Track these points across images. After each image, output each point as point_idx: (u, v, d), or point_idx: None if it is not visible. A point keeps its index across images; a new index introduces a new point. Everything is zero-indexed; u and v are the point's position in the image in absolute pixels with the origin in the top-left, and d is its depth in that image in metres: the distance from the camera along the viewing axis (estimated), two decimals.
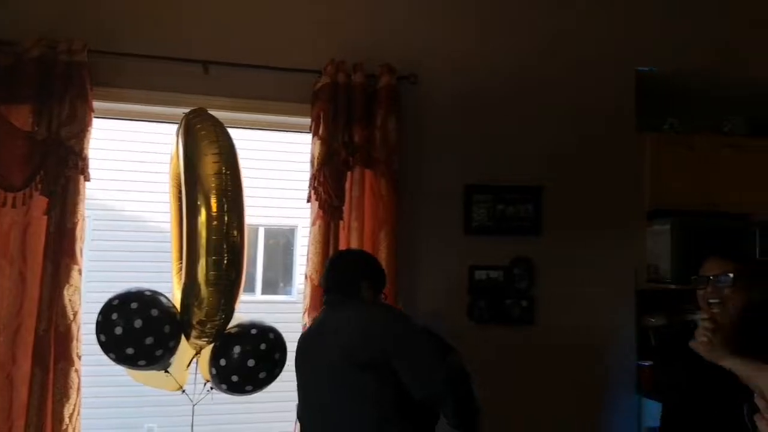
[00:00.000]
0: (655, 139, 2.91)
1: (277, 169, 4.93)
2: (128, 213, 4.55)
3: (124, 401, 2.51)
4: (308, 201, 2.46)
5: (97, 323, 1.92)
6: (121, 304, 1.91)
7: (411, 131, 2.59)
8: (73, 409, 2.15)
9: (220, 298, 1.90)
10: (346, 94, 2.46)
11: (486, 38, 2.74)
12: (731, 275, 1.84)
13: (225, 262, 1.88)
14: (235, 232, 1.89)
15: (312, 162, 2.44)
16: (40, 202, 2.19)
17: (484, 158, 2.68)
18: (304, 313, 2.38)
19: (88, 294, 2.41)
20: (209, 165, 1.91)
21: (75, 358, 2.17)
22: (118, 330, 1.87)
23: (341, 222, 2.43)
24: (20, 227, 2.17)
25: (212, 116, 2.06)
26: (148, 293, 1.98)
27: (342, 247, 2.42)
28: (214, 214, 1.85)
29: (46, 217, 2.18)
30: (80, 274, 2.21)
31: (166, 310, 1.96)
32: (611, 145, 2.80)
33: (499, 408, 2.33)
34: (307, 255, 2.44)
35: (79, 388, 2.18)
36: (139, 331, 1.88)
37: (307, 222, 2.49)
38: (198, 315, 1.93)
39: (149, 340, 1.89)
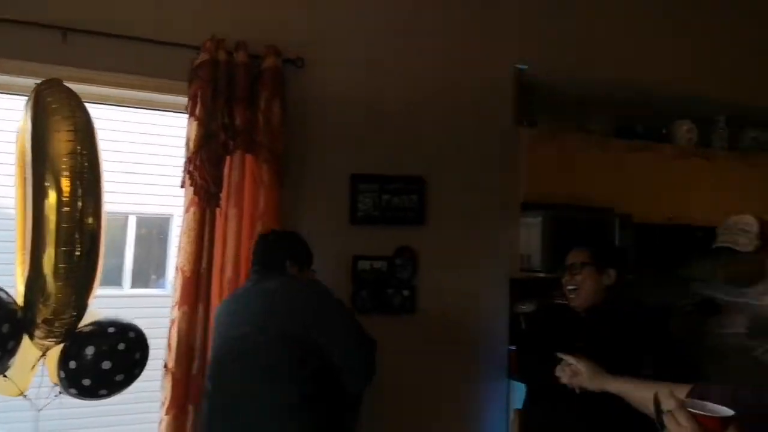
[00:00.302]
0: (530, 135, 3.07)
1: (152, 153, 4.59)
2: None
3: None
4: (182, 186, 2.31)
5: None
6: None
7: (296, 117, 2.52)
8: None
9: (71, 293, 1.72)
10: (227, 74, 2.33)
11: (373, 31, 2.72)
12: (581, 261, 2.01)
13: (78, 252, 1.70)
14: (91, 219, 1.71)
15: (187, 144, 2.29)
16: None
17: (370, 148, 2.68)
18: (174, 306, 2.23)
19: None
20: (62, 143, 1.72)
21: None
22: None
23: (218, 210, 2.31)
24: None
25: (67, 88, 1.86)
26: None
27: (218, 236, 2.30)
28: (66, 198, 1.67)
29: None
30: None
31: (5, 307, 1.74)
32: (490, 139, 2.91)
33: (381, 393, 2.41)
34: (179, 245, 2.29)
35: None
36: None
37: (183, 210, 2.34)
38: (44, 312, 1.74)
39: None
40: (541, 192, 3.01)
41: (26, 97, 1.98)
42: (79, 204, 1.67)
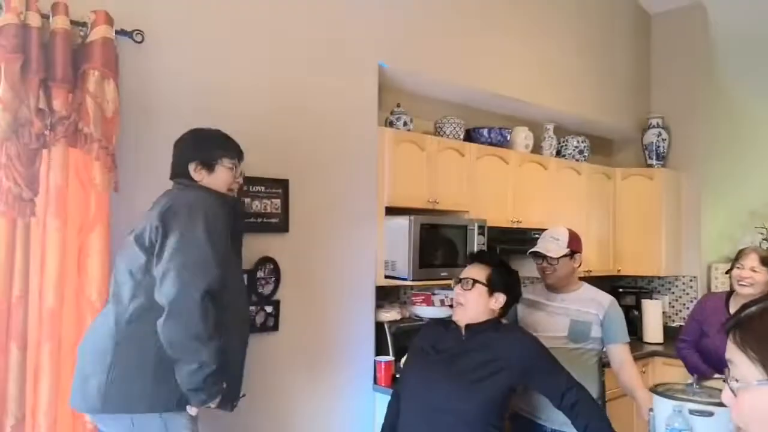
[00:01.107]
0: (392, 136, 3.03)
1: None
2: None
3: None
4: None
5: None
6: None
7: (135, 104, 2.11)
8: None
9: None
10: (40, 43, 1.84)
11: (232, 9, 2.41)
12: (473, 279, 2.02)
13: None
14: None
15: None
16: None
17: None
18: None
19: None
20: None
21: None
22: None
23: (33, 220, 1.82)
24: None
25: None
26: None
27: (34, 252, 1.82)
28: None
29: None
30: None
31: None
32: (356, 138, 2.82)
33: (250, 412, 2.23)
34: None
35: None
36: None
37: None
38: None
39: None
40: (404, 195, 2.99)
41: None
42: None
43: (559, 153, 4.14)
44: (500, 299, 2.00)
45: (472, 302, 2.00)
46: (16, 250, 1.77)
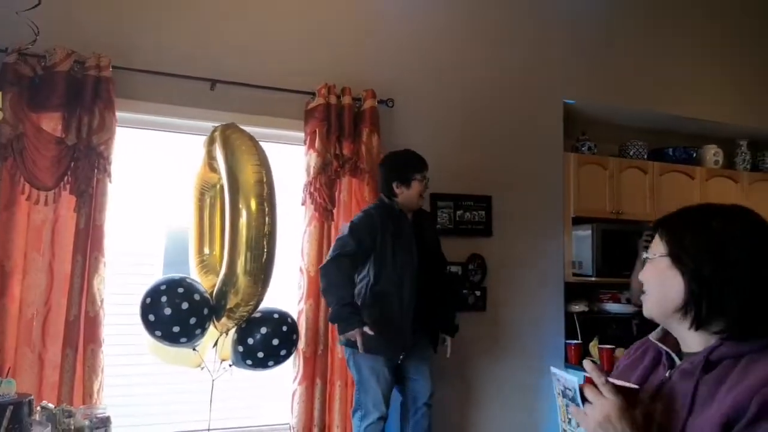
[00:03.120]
0: (577, 159, 3.85)
1: None
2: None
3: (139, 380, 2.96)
4: (303, 204, 3.08)
5: (145, 305, 2.42)
6: (168, 288, 2.43)
7: (388, 146, 3.30)
8: (99, 386, 2.60)
9: (257, 287, 2.47)
10: (336, 114, 3.12)
11: (445, 71, 3.52)
12: None
13: (264, 257, 2.45)
14: (271, 231, 2.47)
15: (308, 171, 3.07)
16: (67, 200, 2.63)
17: (447, 171, 3.44)
18: (300, 300, 3.00)
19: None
20: (250, 174, 2.48)
21: (101, 341, 2.62)
22: (167, 311, 2.39)
23: (332, 223, 3.08)
24: (50, 223, 2.59)
25: (244, 130, 2.63)
26: (189, 280, 2.52)
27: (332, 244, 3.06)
28: (255, 215, 2.42)
29: (74, 214, 2.62)
30: (105, 266, 2.67)
31: (203, 296, 2.50)
32: (544, 162, 3.71)
33: (458, 376, 3.15)
34: (302, 251, 3.04)
35: (103, 368, 2.63)
36: (185, 313, 2.40)
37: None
38: (233, 301, 2.49)
39: (192, 321, 2.43)
40: (589, 208, 3.77)
41: (180, 134, 2.82)
42: (266, 219, 2.43)
43: (756, 168, 4.47)
44: None
45: None
46: (324, 242, 3.03)
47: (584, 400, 1.05)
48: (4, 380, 1.87)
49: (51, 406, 2.09)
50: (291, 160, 3.21)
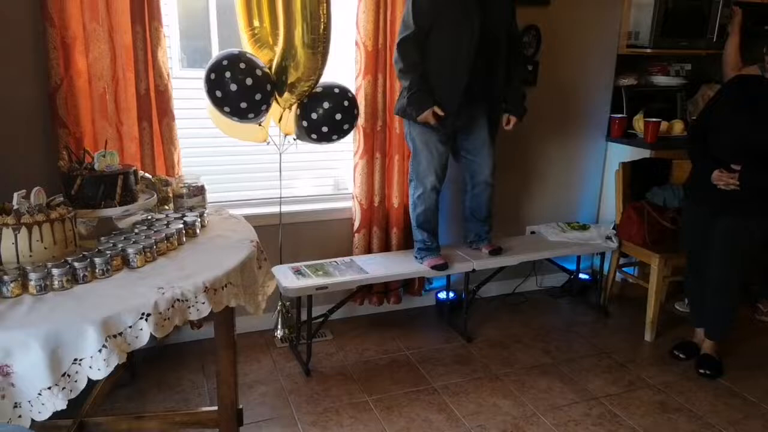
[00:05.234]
0: None
1: None
2: None
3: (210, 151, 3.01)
4: None
5: (210, 80, 2.37)
6: (230, 64, 2.35)
7: None
8: (178, 157, 2.70)
9: (317, 60, 2.39)
10: None
11: None
12: None
13: (322, 27, 2.32)
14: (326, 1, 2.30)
15: None
16: None
17: None
18: (358, 76, 2.92)
19: None
20: None
21: (174, 113, 2.64)
22: (233, 87, 2.34)
23: None
24: None
25: None
26: (249, 55, 2.43)
27: (390, 16, 2.87)
28: None
29: None
30: (166, 37, 2.57)
31: (264, 71, 2.43)
32: None
33: (514, 143, 3.25)
34: (357, 24, 2.87)
35: (178, 140, 2.70)
36: (250, 89, 2.36)
37: None
38: (294, 75, 2.42)
39: (258, 96, 2.39)
40: None
41: None
42: None
43: None
44: None
45: None
46: (380, 14, 2.83)
47: None
48: (108, 152, 1.94)
49: (148, 175, 2.20)
50: None
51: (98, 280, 1.62)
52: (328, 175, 3.24)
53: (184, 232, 1.94)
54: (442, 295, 3.39)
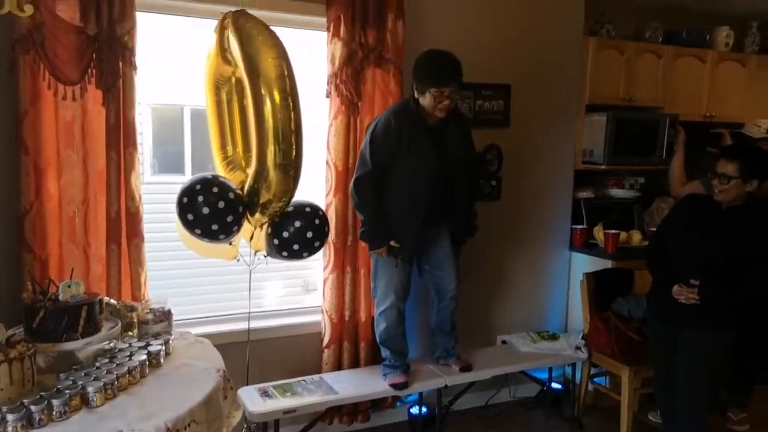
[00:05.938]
0: (596, 44, 3.70)
1: None
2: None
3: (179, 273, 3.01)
4: (327, 97, 2.96)
5: (182, 204, 2.39)
6: (203, 188, 2.39)
7: (412, 33, 3.10)
8: (145, 278, 2.66)
9: (288, 182, 2.44)
10: None
11: None
12: (729, 175, 2.53)
13: (293, 153, 2.40)
14: (297, 126, 2.36)
15: (332, 61, 2.91)
16: (94, 95, 2.49)
17: (467, 61, 3.29)
18: (329, 194, 3.00)
19: None
20: (271, 67, 2.32)
21: (143, 235, 2.63)
22: (206, 210, 2.36)
23: (358, 117, 2.98)
24: (79, 119, 2.47)
25: (257, 18, 2.43)
26: (221, 178, 2.48)
27: (359, 137, 2.99)
28: (279, 108, 2.29)
29: (102, 109, 2.50)
30: (140, 162, 2.61)
31: (237, 193, 2.48)
32: (563, 49, 3.57)
33: (475, 260, 3.30)
34: (328, 145, 2.98)
35: (146, 260, 2.67)
36: (223, 211, 2.39)
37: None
38: (266, 196, 2.46)
39: (230, 218, 2.42)
40: (604, 94, 3.70)
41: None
42: (291, 115, 2.32)
43: (764, 50, 4.37)
44: (755, 184, 2.55)
45: (730, 193, 2.55)
46: (350, 136, 2.96)
47: None
48: (73, 282, 1.90)
49: (114, 301, 2.15)
50: (308, 45, 3.05)
51: (55, 423, 1.54)
52: (297, 276, 3.23)
53: (147, 363, 1.88)
54: (415, 410, 3.29)
